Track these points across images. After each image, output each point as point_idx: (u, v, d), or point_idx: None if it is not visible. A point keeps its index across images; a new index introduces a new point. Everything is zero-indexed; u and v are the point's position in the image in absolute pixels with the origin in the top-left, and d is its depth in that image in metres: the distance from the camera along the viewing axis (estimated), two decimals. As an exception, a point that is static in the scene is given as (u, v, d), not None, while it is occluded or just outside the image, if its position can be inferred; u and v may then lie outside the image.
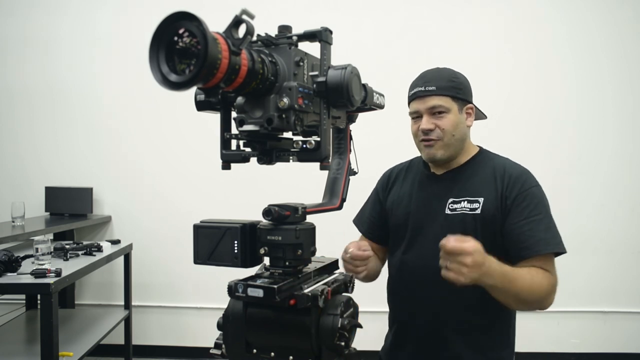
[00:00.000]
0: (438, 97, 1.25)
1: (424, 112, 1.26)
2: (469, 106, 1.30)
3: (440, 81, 1.26)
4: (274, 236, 0.79)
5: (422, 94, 1.26)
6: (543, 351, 3.24)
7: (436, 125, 1.25)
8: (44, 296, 1.96)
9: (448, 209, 1.27)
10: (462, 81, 1.30)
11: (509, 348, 1.31)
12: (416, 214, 1.33)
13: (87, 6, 3.41)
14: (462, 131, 1.28)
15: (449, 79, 1.27)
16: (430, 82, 1.26)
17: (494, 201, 1.23)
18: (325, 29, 0.78)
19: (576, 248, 3.25)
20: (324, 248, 0.94)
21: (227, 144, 0.82)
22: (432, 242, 1.28)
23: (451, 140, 1.26)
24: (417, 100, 1.27)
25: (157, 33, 0.61)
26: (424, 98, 1.26)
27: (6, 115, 3.47)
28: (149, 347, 3.40)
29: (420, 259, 1.29)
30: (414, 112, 1.29)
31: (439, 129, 1.25)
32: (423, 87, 1.26)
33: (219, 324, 0.85)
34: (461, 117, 1.28)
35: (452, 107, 1.25)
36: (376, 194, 1.49)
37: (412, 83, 1.31)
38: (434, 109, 1.25)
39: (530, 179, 1.25)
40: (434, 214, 1.29)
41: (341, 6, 3.28)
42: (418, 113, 1.28)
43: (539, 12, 3.22)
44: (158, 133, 3.39)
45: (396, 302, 1.39)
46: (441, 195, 1.29)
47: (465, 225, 1.23)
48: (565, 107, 3.23)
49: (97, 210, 3.41)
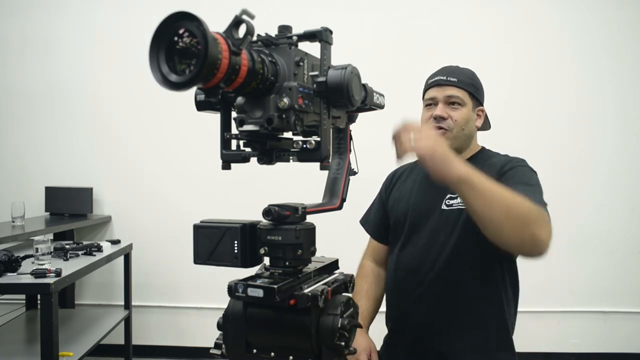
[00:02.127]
0: (457, 89, 1.28)
1: (441, 100, 1.29)
2: (480, 108, 1.34)
3: (462, 76, 1.30)
4: (274, 236, 0.79)
5: (443, 83, 1.29)
6: (543, 351, 3.24)
7: (449, 115, 1.27)
8: (44, 296, 1.96)
9: (445, 205, 1.28)
10: (480, 83, 1.35)
11: (507, 349, 1.29)
12: (414, 210, 1.34)
13: (87, 6, 3.41)
14: (471, 128, 1.31)
15: (470, 77, 1.32)
16: (452, 74, 1.30)
17: None
18: (325, 29, 0.78)
19: (576, 248, 3.29)
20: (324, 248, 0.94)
21: (227, 144, 0.82)
22: (427, 238, 1.29)
23: (460, 133, 1.28)
24: (436, 88, 1.30)
25: (157, 33, 0.61)
26: (444, 87, 1.29)
27: (6, 115, 3.47)
28: (149, 347, 3.40)
29: (416, 254, 1.30)
30: (430, 99, 1.31)
31: (451, 119, 1.27)
32: (445, 76, 1.30)
33: (219, 324, 0.85)
34: (473, 115, 1.31)
35: (467, 103, 1.29)
36: (380, 195, 1.51)
37: (432, 74, 1.35)
38: (451, 98, 1.28)
39: (522, 161, 1.27)
40: (430, 210, 1.30)
41: (341, 6, 3.29)
42: (434, 100, 1.30)
43: (539, 12, 3.22)
44: (158, 133, 3.39)
45: (392, 299, 1.39)
46: (439, 191, 1.30)
47: (460, 220, 1.23)
48: (565, 107, 3.23)
49: (97, 210, 3.41)
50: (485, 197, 0.94)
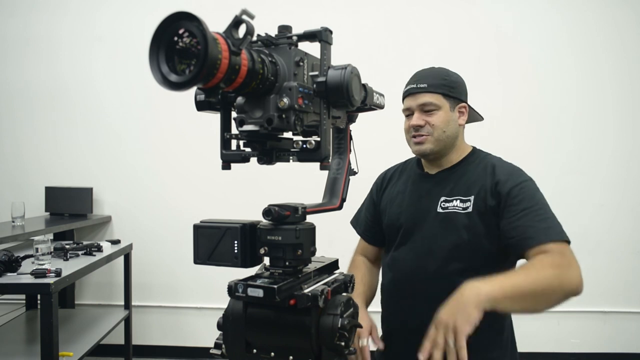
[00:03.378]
0: (429, 95, 1.26)
1: (415, 109, 1.28)
2: (461, 105, 1.31)
3: (432, 79, 1.28)
4: (274, 236, 0.79)
5: (414, 91, 1.28)
6: (543, 351, 3.24)
7: (427, 121, 1.27)
8: (44, 296, 1.96)
9: (440, 208, 1.27)
10: (455, 80, 1.31)
11: (502, 349, 1.29)
12: (408, 213, 1.33)
13: (88, 6, 3.41)
14: (454, 129, 1.29)
15: (441, 78, 1.29)
16: (422, 80, 1.28)
17: (485, 198, 1.22)
18: (325, 29, 0.78)
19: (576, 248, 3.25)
20: (324, 248, 0.94)
21: (227, 144, 0.82)
22: (423, 241, 1.28)
23: (442, 136, 1.27)
24: (409, 98, 1.30)
25: (157, 33, 0.61)
26: (416, 95, 1.28)
27: (6, 115, 3.47)
28: (149, 347, 3.40)
29: (411, 257, 1.29)
30: (406, 109, 1.32)
31: (429, 125, 1.27)
32: (415, 84, 1.29)
33: (219, 324, 0.85)
34: (453, 115, 1.29)
35: (443, 105, 1.27)
36: (371, 196, 1.50)
37: (407, 82, 1.34)
38: (424, 106, 1.27)
39: (521, 174, 1.25)
40: (425, 213, 1.30)
41: (341, 6, 3.29)
42: (410, 110, 1.30)
43: (539, 12, 3.22)
44: (158, 133, 3.39)
45: (387, 301, 1.39)
46: (433, 194, 1.30)
47: (456, 224, 1.23)
48: (565, 107, 3.23)
49: (97, 210, 3.41)
50: (522, 301, 1.03)
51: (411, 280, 1.29)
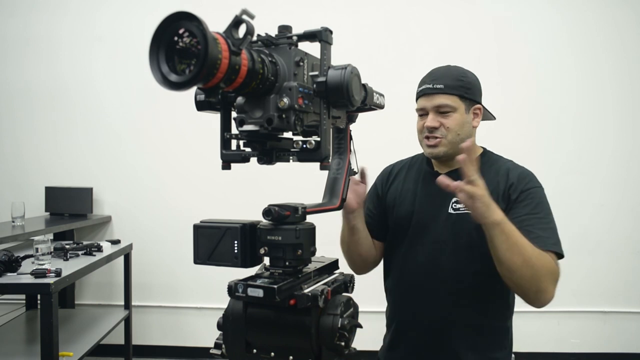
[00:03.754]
0: (445, 96, 1.24)
1: (430, 110, 1.26)
2: (476, 106, 1.29)
3: (449, 80, 1.25)
4: (274, 236, 0.79)
5: (430, 92, 1.25)
6: (543, 351, 3.24)
7: (441, 123, 1.25)
8: (44, 296, 1.96)
9: (451, 209, 1.27)
10: (471, 80, 1.29)
11: (506, 349, 1.30)
12: (419, 213, 1.32)
13: (88, 6, 3.41)
14: (468, 131, 1.27)
15: (457, 78, 1.26)
16: (438, 80, 1.25)
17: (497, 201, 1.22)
18: (325, 29, 0.78)
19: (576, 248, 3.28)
20: (324, 248, 0.94)
21: (227, 144, 0.82)
22: (435, 241, 1.28)
23: (456, 139, 1.25)
24: (425, 98, 1.27)
25: (157, 33, 0.61)
26: (431, 96, 1.25)
27: (6, 115, 3.47)
28: (149, 347, 3.40)
29: (423, 258, 1.29)
30: (421, 109, 1.29)
31: (443, 127, 1.25)
32: (431, 84, 1.25)
33: (219, 324, 0.85)
34: (467, 117, 1.27)
35: (459, 107, 1.25)
36: (375, 189, 1.47)
37: (421, 80, 1.31)
38: (440, 107, 1.24)
39: (533, 180, 1.25)
40: (437, 213, 1.29)
41: (341, 6, 3.29)
42: (424, 110, 1.27)
43: (539, 12, 3.22)
44: (158, 133, 3.39)
45: (397, 300, 1.38)
46: (444, 194, 1.28)
47: (468, 225, 1.22)
48: (565, 107, 3.23)
49: (97, 210, 3.41)
50: (510, 243, 1.06)
51: (422, 280, 1.29)
